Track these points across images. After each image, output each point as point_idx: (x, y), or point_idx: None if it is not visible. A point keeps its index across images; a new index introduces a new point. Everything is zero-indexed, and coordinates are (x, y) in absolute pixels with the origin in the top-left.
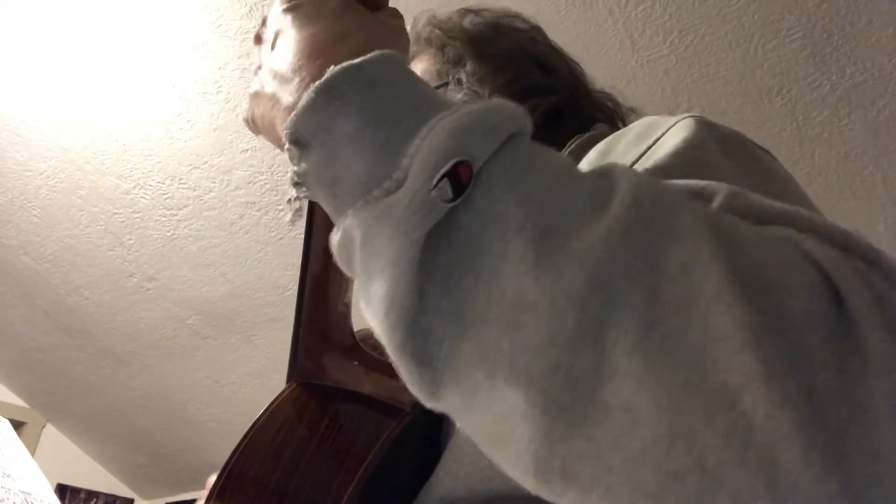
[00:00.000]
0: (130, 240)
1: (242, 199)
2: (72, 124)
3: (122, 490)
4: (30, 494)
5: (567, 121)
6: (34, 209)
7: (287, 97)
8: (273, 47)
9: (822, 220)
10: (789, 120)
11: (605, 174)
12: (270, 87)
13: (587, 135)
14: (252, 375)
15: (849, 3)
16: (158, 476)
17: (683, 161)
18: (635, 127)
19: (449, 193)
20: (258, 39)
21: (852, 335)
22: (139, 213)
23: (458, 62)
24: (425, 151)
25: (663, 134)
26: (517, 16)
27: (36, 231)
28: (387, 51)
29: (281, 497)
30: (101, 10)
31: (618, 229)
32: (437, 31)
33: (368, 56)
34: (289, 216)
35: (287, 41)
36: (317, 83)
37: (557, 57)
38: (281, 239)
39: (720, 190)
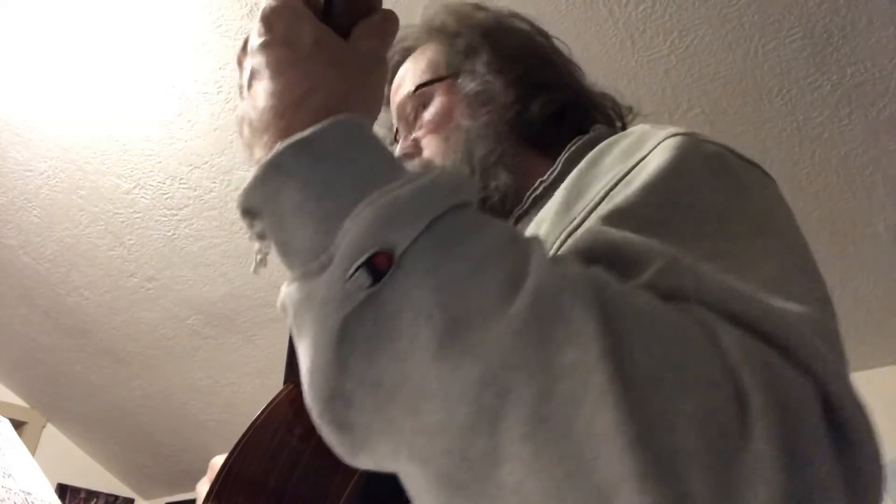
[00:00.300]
0: (131, 240)
1: None
2: (72, 124)
3: (122, 490)
4: (30, 494)
5: (569, 120)
6: (34, 209)
7: (257, 152)
8: (249, 86)
9: (749, 298)
10: (789, 120)
11: (521, 260)
12: (246, 132)
13: (587, 136)
14: (252, 375)
15: (849, 3)
16: (158, 476)
17: (656, 193)
18: (626, 137)
19: (366, 281)
20: (239, 63)
21: (744, 436)
22: (139, 213)
23: (471, 53)
24: (348, 240)
25: (647, 154)
26: (519, 16)
27: (36, 231)
28: (342, 116)
29: (279, 497)
30: (101, 10)
31: (515, 329)
32: (451, 20)
33: (319, 127)
34: (252, 267)
35: (259, 90)
36: (265, 160)
37: (560, 57)
38: None
39: (655, 260)
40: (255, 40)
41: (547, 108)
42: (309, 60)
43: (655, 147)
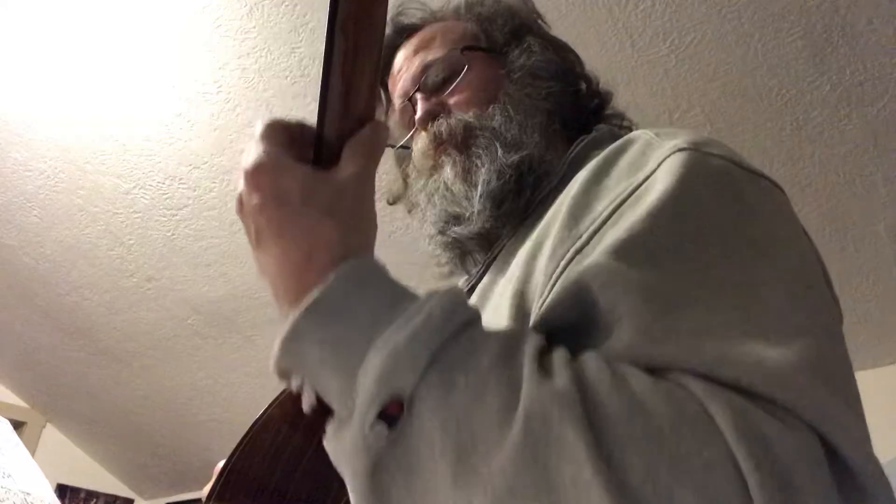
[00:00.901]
0: (130, 240)
1: None
2: (72, 124)
3: (122, 490)
4: (30, 494)
5: (583, 110)
6: (34, 209)
7: (280, 306)
8: (258, 243)
9: (743, 361)
10: (789, 120)
11: (514, 380)
12: (270, 288)
13: (590, 137)
14: (252, 375)
15: (849, 3)
16: (158, 476)
17: (663, 220)
18: (631, 145)
19: (384, 430)
20: (241, 211)
21: None
22: (139, 213)
23: (522, 33)
24: (361, 396)
25: (653, 171)
26: (537, 12)
27: (36, 231)
28: (342, 268)
29: (280, 497)
30: (102, 11)
31: (512, 456)
32: (483, 5)
33: (325, 288)
34: (305, 407)
35: (268, 253)
36: (283, 334)
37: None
38: None
39: (652, 326)
40: (248, 201)
41: (593, 100)
42: (303, 215)
43: (662, 162)
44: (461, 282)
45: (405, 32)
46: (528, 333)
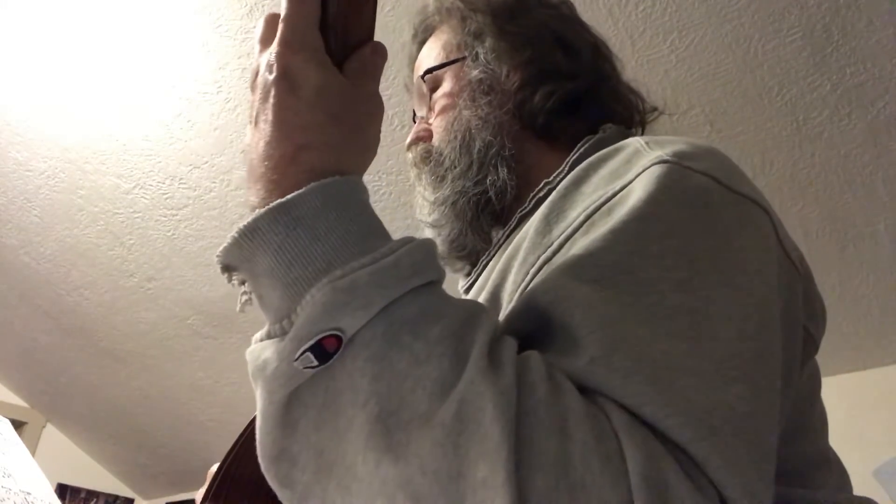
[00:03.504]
0: (130, 240)
1: (242, 199)
2: (72, 124)
3: (122, 490)
4: (30, 494)
5: (585, 110)
6: (34, 209)
7: (250, 197)
8: (256, 121)
9: (668, 402)
10: (789, 120)
11: (459, 358)
12: (247, 168)
13: (595, 138)
14: None
15: (849, 3)
16: (158, 476)
17: (627, 237)
18: (618, 153)
19: (312, 362)
20: (252, 89)
21: None
22: (139, 213)
23: (478, 36)
24: (301, 320)
25: (630, 182)
26: None
27: (36, 231)
28: (326, 181)
29: (276, 497)
30: (102, 11)
31: (435, 438)
32: (458, 3)
33: (300, 193)
34: (238, 306)
35: (261, 132)
36: (243, 225)
37: (584, 37)
38: None
39: (594, 345)
40: (265, 74)
41: (550, 98)
42: (310, 109)
43: (641, 173)
44: (461, 285)
45: (429, 33)
46: (487, 314)
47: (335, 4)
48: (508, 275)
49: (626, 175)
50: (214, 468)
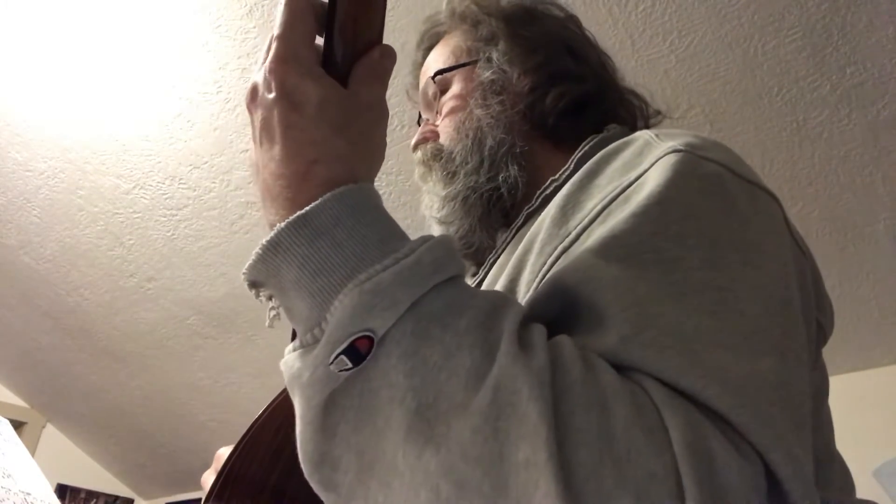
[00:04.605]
0: (130, 240)
1: (242, 199)
2: (72, 124)
3: (122, 490)
4: (30, 494)
5: (591, 112)
6: (34, 209)
7: (267, 216)
8: (261, 141)
9: (705, 373)
10: (789, 120)
11: (491, 346)
12: (260, 189)
13: (600, 136)
14: (252, 375)
15: (849, 3)
16: (158, 476)
17: (649, 219)
18: (629, 146)
19: (347, 364)
20: (249, 112)
21: None
22: (139, 213)
23: (490, 40)
24: (332, 325)
25: (645, 171)
26: (553, 3)
27: (36, 231)
28: (340, 190)
29: (280, 497)
30: (102, 11)
31: (474, 425)
32: (473, 7)
33: (318, 204)
34: (267, 322)
35: (269, 152)
36: (266, 240)
37: (589, 47)
38: None
39: (625, 324)
40: (264, 93)
41: (561, 100)
42: (315, 124)
43: (655, 162)
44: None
45: (435, 39)
46: (512, 302)
47: (343, 7)
48: (525, 267)
49: (641, 165)
50: (223, 451)
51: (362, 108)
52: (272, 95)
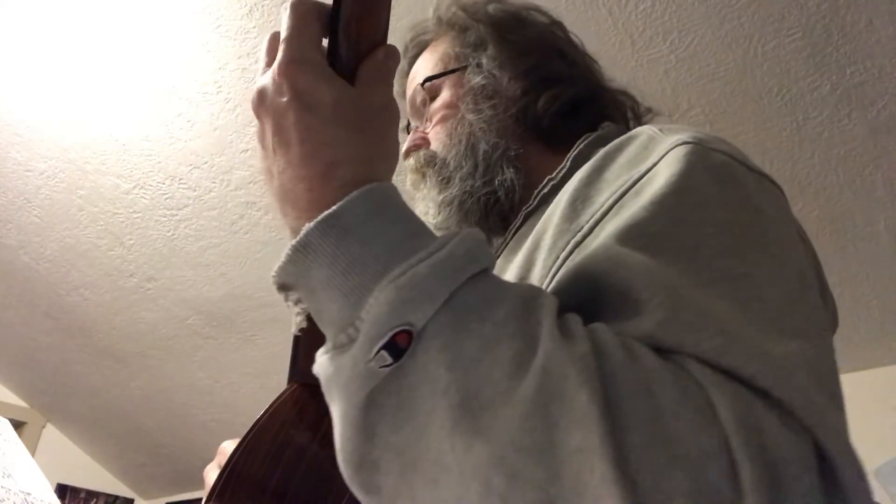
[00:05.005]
0: (130, 240)
1: (242, 199)
2: (72, 124)
3: (122, 490)
4: (30, 494)
5: (584, 113)
6: (34, 209)
7: (289, 221)
8: (275, 148)
9: (745, 350)
10: (789, 120)
11: (531, 335)
12: (276, 193)
13: (595, 134)
14: (252, 375)
15: (849, 3)
16: (158, 476)
17: (666, 208)
18: (633, 141)
19: (387, 360)
20: (257, 115)
21: None
22: (139, 213)
23: (479, 46)
24: (370, 321)
25: (655, 164)
26: (538, 9)
27: (36, 231)
28: (365, 189)
29: (281, 497)
30: (102, 11)
31: (523, 412)
32: (461, 14)
33: (344, 203)
34: (294, 328)
35: (286, 156)
36: (295, 241)
37: (576, 51)
38: (281, 239)
39: (660, 307)
40: (275, 97)
41: (555, 102)
42: (331, 126)
43: (664, 156)
44: None
45: (422, 47)
46: (546, 294)
47: (348, 7)
48: (535, 264)
49: (649, 158)
50: (226, 444)
51: (376, 110)
52: (285, 98)
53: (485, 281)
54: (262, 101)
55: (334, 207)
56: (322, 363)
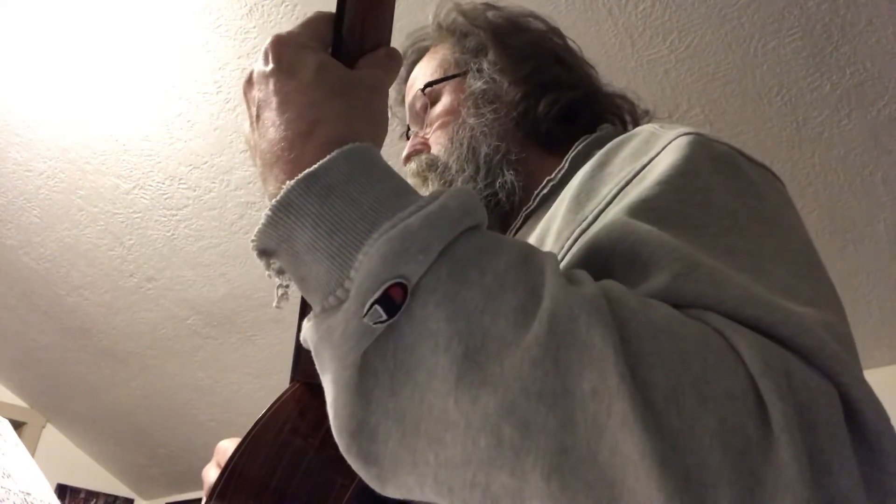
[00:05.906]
0: (130, 240)
1: (242, 199)
2: (72, 124)
3: (122, 490)
4: (30, 494)
5: (582, 117)
6: (34, 209)
7: (269, 186)
8: (258, 118)
9: (766, 302)
10: (789, 120)
11: (535, 283)
12: (258, 164)
13: (594, 136)
14: (252, 375)
15: (849, 3)
16: (158, 476)
17: (672, 188)
18: (634, 137)
19: (382, 316)
20: (246, 95)
21: (768, 449)
22: (139, 213)
23: (479, 51)
24: (362, 275)
25: (657, 154)
26: (536, 16)
27: (36, 231)
28: (348, 147)
29: (282, 497)
30: (102, 11)
31: (533, 357)
32: (461, 20)
33: (327, 160)
34: (275, 302)
35: (267, 121)
36: (275, 201)
37: (574, 56)
38: None
39: (674, 263)
40: (260, 70)
41: (554, 106)
42: (313, 88)
43: (666, 146)
44: None
45: (421, 53)
46: (545, 251)
47: (352, 6)
48: None
49: (651, 150)
50: (223, 443)
51: (361, 82)
52: (268, 68)
53: (481, 234)
54: (248, 81)
55: (316, 165)
56: (309, 328)
